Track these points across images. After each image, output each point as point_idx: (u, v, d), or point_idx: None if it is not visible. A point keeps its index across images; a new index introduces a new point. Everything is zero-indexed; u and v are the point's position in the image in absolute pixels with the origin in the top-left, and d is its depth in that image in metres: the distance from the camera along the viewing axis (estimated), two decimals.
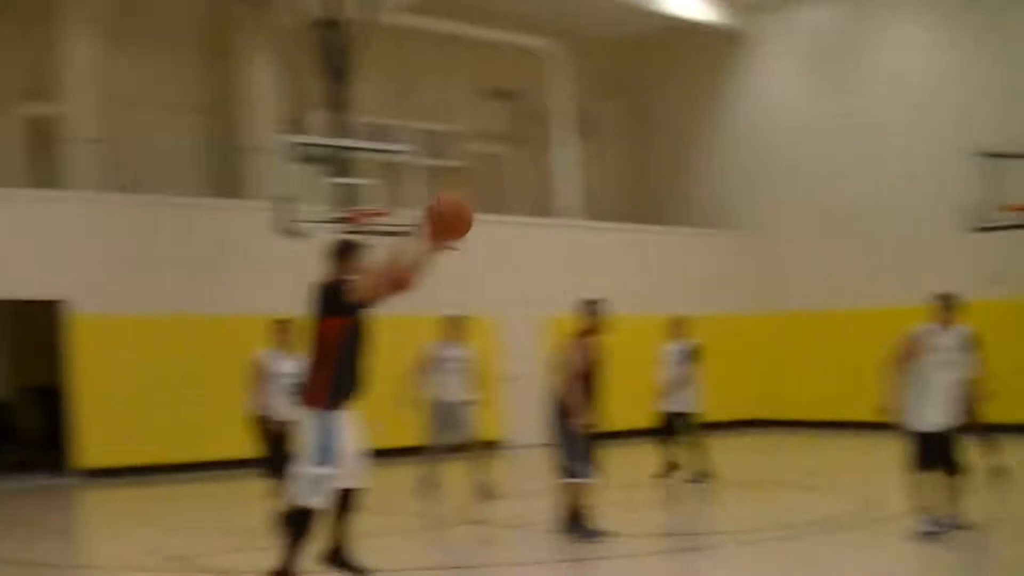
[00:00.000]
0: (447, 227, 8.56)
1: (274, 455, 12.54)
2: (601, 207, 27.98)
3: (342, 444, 8.64)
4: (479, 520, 14.13)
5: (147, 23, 22.37)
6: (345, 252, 9.23)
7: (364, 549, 9.51)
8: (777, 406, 25.98)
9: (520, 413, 15.37)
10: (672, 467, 16.94)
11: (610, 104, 29.10)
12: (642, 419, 17.67)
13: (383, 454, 10.74)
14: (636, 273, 24.95)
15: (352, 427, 8.82)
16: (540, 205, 26.13)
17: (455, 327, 15.82)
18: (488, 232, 23.16)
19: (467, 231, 8.67)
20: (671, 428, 16.97)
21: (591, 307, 12.35)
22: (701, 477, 16.56)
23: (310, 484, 8.58)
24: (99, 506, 17.45)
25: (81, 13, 20.94)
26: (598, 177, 28.57)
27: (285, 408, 12.29)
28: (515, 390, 20.66)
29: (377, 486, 9.80)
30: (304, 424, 8.66)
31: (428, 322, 16.82)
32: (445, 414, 15.50)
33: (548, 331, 22.50)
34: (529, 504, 14.94)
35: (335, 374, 8.69)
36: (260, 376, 12.85)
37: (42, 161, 21.11)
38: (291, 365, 12.49)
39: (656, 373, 17.18)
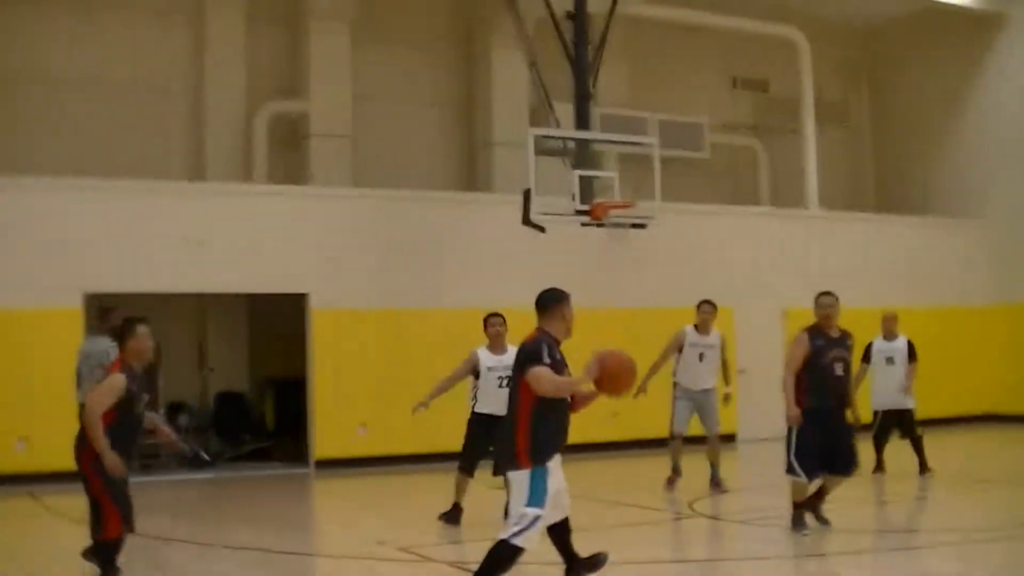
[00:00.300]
0: (612, 383, 8.45)
1: (470, 449, 12.72)
2: (847, 196, 27.43)
3: (553, 489, 8.49)
4: (711, 514, 13.95)
5: (393, 20, 22.62)
6: (548, 302, 9.04)
7: (595, 541, 9.44)
8: (1018, 400, 25.03)
9: (752, 406, 15.05)
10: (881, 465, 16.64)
11: (856, 92, 28.49)
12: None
13: (620, 446, 10.81)
14: (879, 263, 24.28)
15: (558, 468, 8.62)
16: (786, 195, 25.71)
17: (708, 316, 15.38)
18: (731, 223, 23.16)
19: (629, 387, 8.56)
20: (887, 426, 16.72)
21: (822, 299, 11.95)
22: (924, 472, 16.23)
23: (525, 528, 8.43)
24: (333, 495, 17.69)
25: (329, 10, 21.32)
26: (844, 166, 28.01)
27: (496, 403, 12.32)
28: (747, 382, 20.29)
29: (614, 477, 9.74)
30: (513, 480, 8.51)
31: (667, 313, 16.71)
32: (693, 405, 15.26)
33: (786, 322, 22.25)
34: (759, 498, 14.73)
35: (532, 432, 8.48)
36: (467, 371, 12.87)
37: (289, 157, 21.61)
38: (498, 360, 12.55)
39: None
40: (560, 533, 9.08)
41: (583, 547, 9.20)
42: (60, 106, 19.94)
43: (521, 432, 8.43)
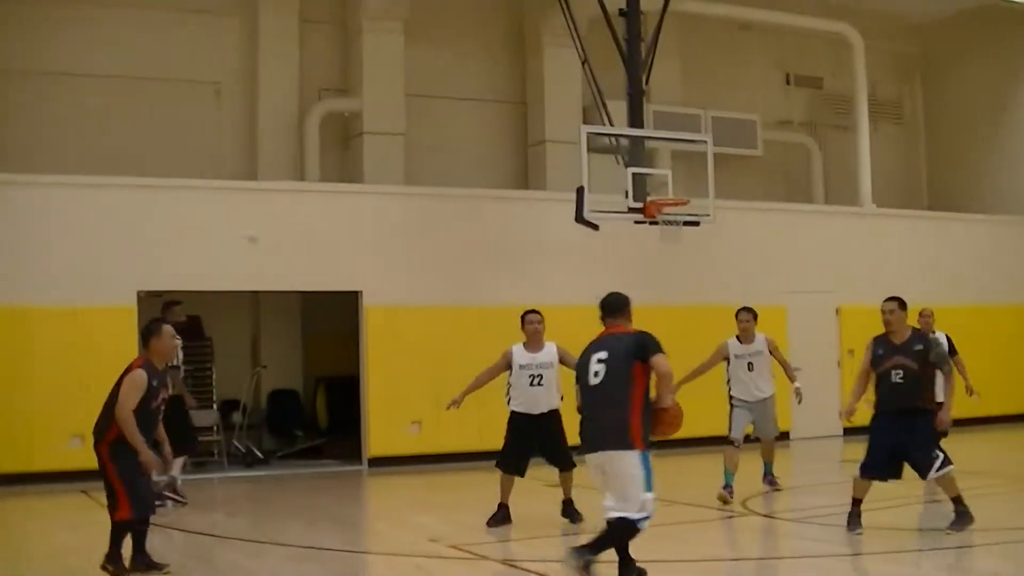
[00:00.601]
0: (667, 426, 9.19)
1: (514, 448, 12.60)
2: (901, 194, 27.24)
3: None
4: (764, 512, 13.87)
5: (446, 18, 22.61)
6: (625, 304, 9.58)
7: (649, 540, 9.41)
8: None
9: (804, 404, 14.86)
10: None
11: (910, 88, 28.29)
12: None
13: (668, 444, 10.70)
14: (932, 261, 24.09)
15: None
16: (839, 192, 25.56)
17: (747, 325, 14.98)
18: (784, 220, 23.05)
19: (667, 435, 9.28)
20: None
21: (882, 306, 11.93)
22: None
23: (649, 514, 8.91)
24: (385, 493, 17.73)
25: (382, 9, 21.32)
26: (898, 164, 27.82)
27: (527, 401, 12.43)
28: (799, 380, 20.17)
29: (664, 475, 9.69)
30: (622, 461, 8.89)
31: (719, 311, 16.61)
32: (750, 414, 14.94)
33: (840, 320, 22.13)
34: (812, 497, 14.63)
35: (643, 416, 8.98)
36: (501, 368, 12.77)
37: (341, 155, 21.69)
38: (531, 358, 12.51)
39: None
40: None
41: (636, 547, 9.14)
42: (114, 105, 20.08)
43: (635, 414, 8.89)
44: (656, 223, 17.44)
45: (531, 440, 12.61)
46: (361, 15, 21.32)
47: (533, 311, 12.97)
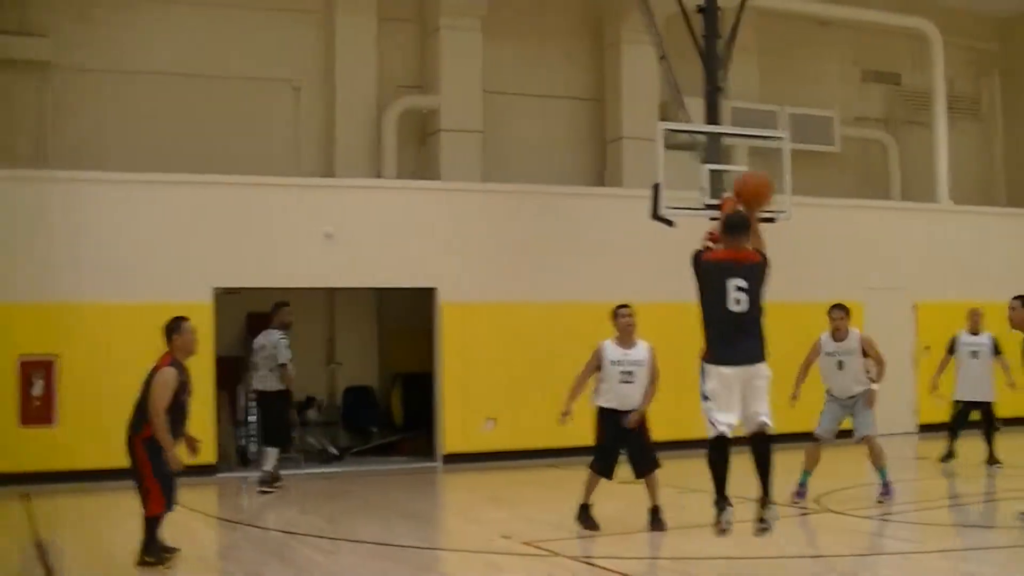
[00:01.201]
0: (750, 192, 10.28)
1: (604, 448, 12.37)
2: (978, 190, 26.97)
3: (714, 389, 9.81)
4: (839, 509, 13.74)
5: (523, 14, 22.64)
6: (746, 225, 10.13)
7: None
8: None
9: (882, 401, 14.68)
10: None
11: (988, 84, 27.98)
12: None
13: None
14: (1009, 258, 23.81)
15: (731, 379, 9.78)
16: (916, 188, 25.35)
17: (838, 322, 14.70)
18: (861, 216, 22.88)
19: (766, 197, 10.40)
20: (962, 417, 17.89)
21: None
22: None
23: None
24: (460, 490, 17.79)
25: (460, 6, 21.37)
26: (976, 160, 27.53)
27: (618, 398, 12.27)
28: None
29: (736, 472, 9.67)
30: (766, 370, 9.85)
31: (797, 308, 16.51)
32: (843, 411, 14.59)
33: (917, 317, 21.93)
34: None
35: None
36: (595, 366, 12.46)
37: (419, 152, 21.74)
38: (624, 354, 12.35)
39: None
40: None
41: (706, 543, 9.11)
42: (192, 103, 20.25)
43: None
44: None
45: (619, 439, 12.30)
46: (439, 12, 21.37)
47: (625, 305, 12.68)
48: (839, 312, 14.72)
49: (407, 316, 20.94)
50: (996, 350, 17.50)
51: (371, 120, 21.10)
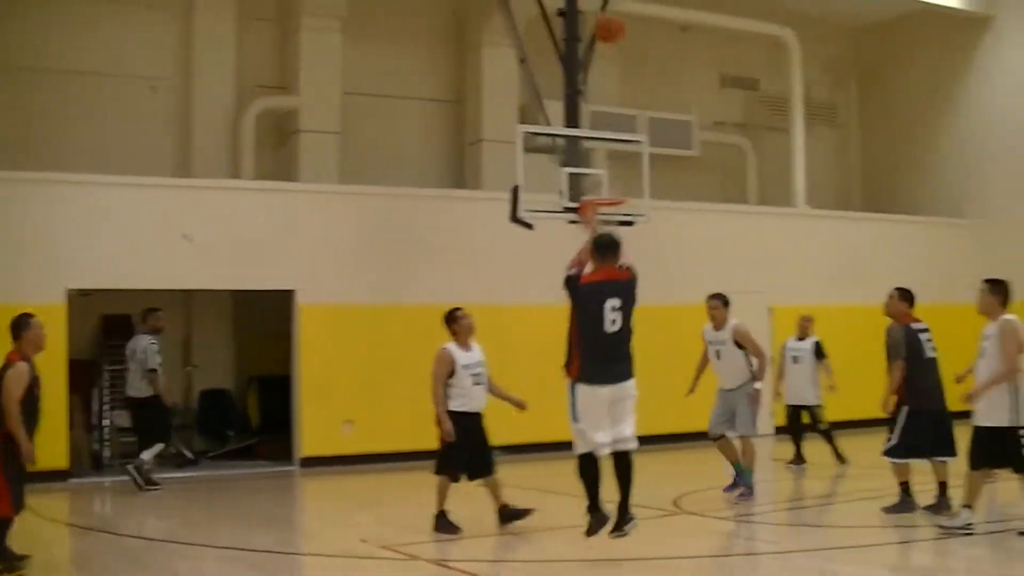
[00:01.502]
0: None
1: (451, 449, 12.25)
2: (835, 195, 27.53)
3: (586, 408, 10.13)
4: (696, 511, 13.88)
5: (384, 16, 22.54)
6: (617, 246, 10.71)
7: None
8: None
9: None
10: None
11: (845, 91, 28.55)
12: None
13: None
14: (865, 262, 24.28)
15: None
16: (774, 193, 25.74)
17: (713, 312, 14.87)
18: (719, 220, 23.14)
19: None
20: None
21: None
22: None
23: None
24: (318, 493, 17.67)
25: (320, 7, 21.22)
26: (832, 165, 28.09)
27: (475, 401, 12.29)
28: None
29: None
30: (633, 386, 10.27)
31: (654, 311, 16.58)
32: (725, 404, 14.62)
33: (773, 320, 22.26)
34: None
35: None
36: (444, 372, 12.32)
37: (277, 153, 21.56)
38: (470, 357, 12.36)
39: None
40: None
41: (563, 546, 9.13)
42: (45, 99, 19.79)
43: None
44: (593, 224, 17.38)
45: (470, 441, 12.21)
46: (299, 12, 21.20)
47: (459, 308, 12.70)
48: (714, 301, 14.84)
49: (264, 318, 20.69)
50: (819, 354, 18.00)
51: (229, 120, 20.86)
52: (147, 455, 16.46)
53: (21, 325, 10.72)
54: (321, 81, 21.29)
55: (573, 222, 17.48)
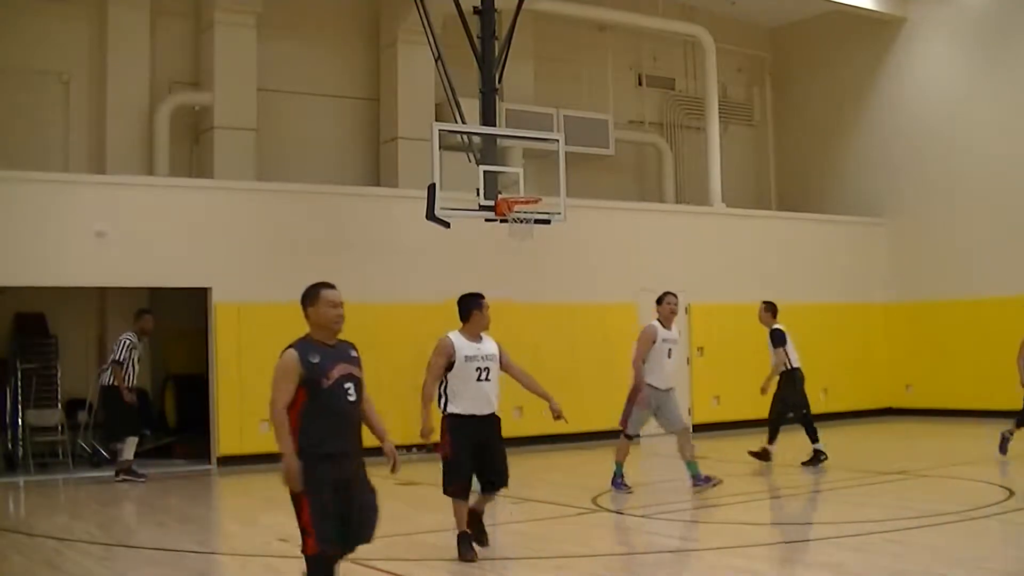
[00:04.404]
0: None
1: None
2: (751, 194, 27.80)
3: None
4: (614, 508, 13.96)
5: (299, 13, 22.53)
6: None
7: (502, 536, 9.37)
8: (913, 395, 25.55)
9: None
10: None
11: (760, 91, 28.83)
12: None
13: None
14: (780, 261, 24.65)
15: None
16: (691, 192, 25.95)
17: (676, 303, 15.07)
18: (636, 219, 23.27)
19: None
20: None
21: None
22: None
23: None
24: (235, 493, 17.54)
25: (234, 2, 21.12)
26: (748, 165, 28.37)
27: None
28: None
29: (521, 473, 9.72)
30: None
31: (572, 309, 16.64)
32: (656, 395, 14.67)
33: (690, 318, 22.39)
34: (661, 494, 14.79)
35: None
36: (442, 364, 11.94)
37: (192, 150, 21.45)
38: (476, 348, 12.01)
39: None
40: None
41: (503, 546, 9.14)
42: None
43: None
44: (507, 221, 17.49)
45: (478, 450, 10.83)
46: (214, 7, 21.13)
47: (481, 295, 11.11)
48: (675, 297, 15.03)
49: (180, 317, 20.56)
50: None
51: (143, 116, 20.74)
52: (126, 454, 16.92)
53: None
54: (236, 77, 21.19)
55: (489, 220, 17.57)
